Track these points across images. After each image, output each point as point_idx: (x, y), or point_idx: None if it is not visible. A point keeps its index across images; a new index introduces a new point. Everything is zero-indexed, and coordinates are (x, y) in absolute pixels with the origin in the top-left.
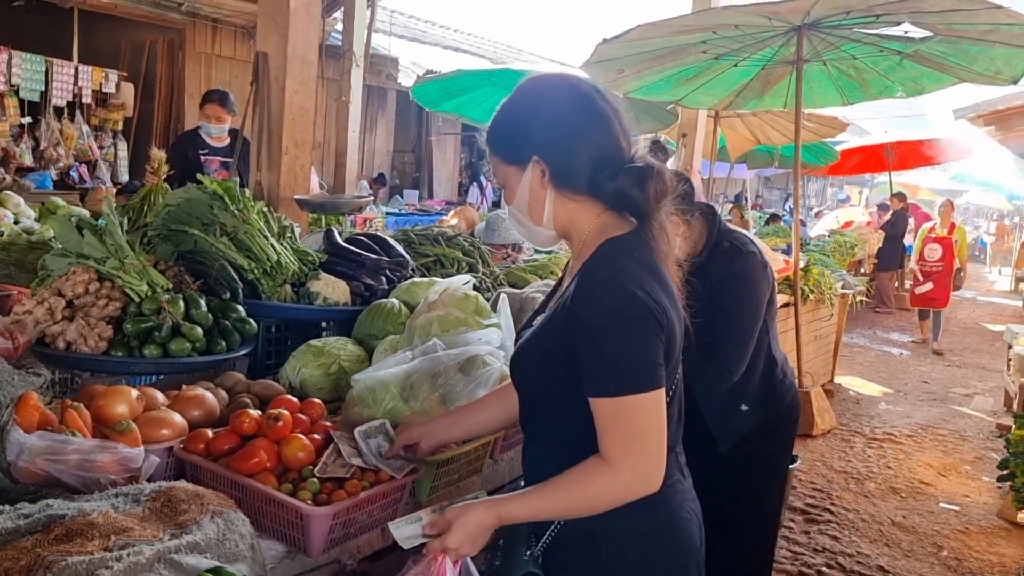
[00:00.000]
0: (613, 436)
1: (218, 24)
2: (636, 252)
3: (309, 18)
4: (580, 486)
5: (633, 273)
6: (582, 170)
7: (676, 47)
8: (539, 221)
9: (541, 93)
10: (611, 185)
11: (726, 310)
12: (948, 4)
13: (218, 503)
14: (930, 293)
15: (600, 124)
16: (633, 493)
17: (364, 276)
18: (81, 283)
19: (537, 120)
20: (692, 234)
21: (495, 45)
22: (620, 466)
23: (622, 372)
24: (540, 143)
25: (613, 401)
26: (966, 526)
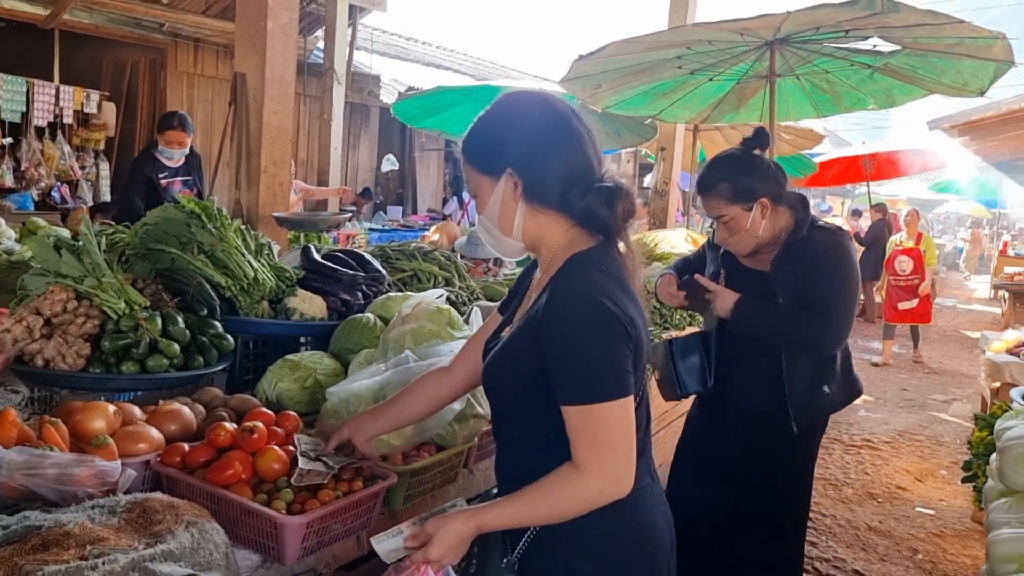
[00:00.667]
0: (585, 442)
1: (200, 44)
2: (604, 265)
3: (286, 39)
4: (554, 492)
5: (602, 285)
6: (554, 185)
7: (652, 63)
8: (508, 232)
9: (519, 108)
10: (581, 202)
11: (833, 276)
12: (913, 19)
13: (193, 513)
14: (917, 308)
15: (573, 142)
16: (605, 497)
17: (340, 291)
18: (59, 301)
19: (514, 134)
20: (779, 221)
21: (476, 62)
22: (592, 471)
23: (594, 380)
24: (515, 156)
25: (585, 409)
26: (941, 529)
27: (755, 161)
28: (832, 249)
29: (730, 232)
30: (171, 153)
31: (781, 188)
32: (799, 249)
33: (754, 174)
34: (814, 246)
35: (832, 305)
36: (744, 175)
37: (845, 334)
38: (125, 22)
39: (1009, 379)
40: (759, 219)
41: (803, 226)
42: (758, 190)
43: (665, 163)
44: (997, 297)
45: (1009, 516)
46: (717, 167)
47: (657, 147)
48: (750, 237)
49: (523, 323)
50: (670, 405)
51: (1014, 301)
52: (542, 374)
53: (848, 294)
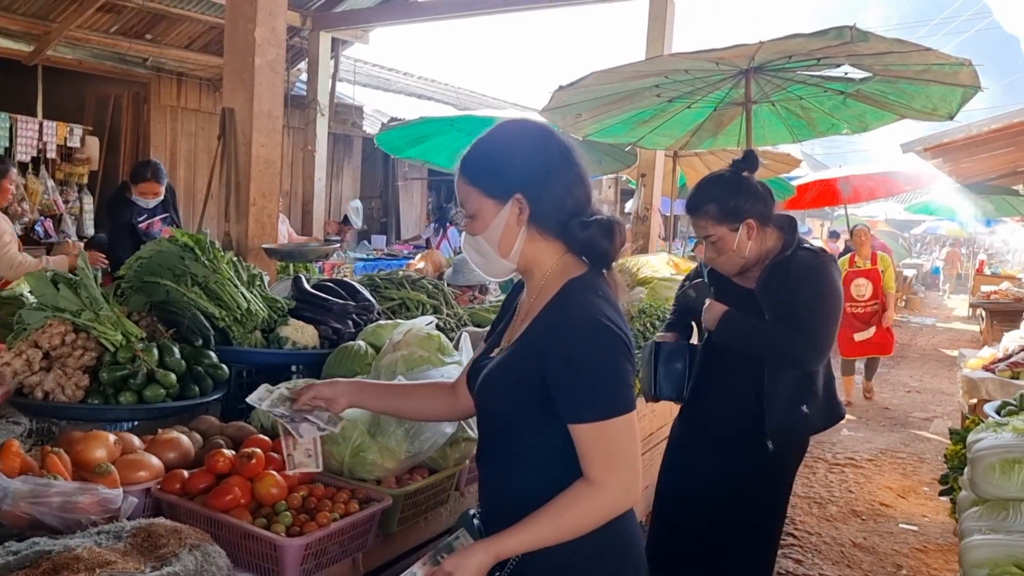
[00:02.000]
0: (598, 458)
1: (183, 77)
2: (600, 290)
3: (274, 74)
4: (572, 510)
5: (601, 308)
6: (559, 215)
7: (631, 91)
8: (506, 255)
9: (530, 136)
10: (582, 233)
11: (815, 295)
12: (882, 47)
13: (195, 537)
14: (875, 339)
15: (577, 175)
16: (619, 508)
17: (331, 320)
18: (58, 335)
19: (528, 160)
20: (767, 241)
21: (458, 91)
22: (607, 484)
23: (604, 398)
24: (527, 182)
25: (597, 426)
26: (924, 544)
27: (743, 183)
28: (814, 269)
29: (717, 252)
30: (145, 202)
31: (768, 210)
32: (783, 269)
33: (741, 195)
34: (796, 267)
35: (813, 323)
36: (731, 196)
37: (826, 351)
38: (108, 57)
39: (985, 395)
40: (745, 240)
41: (789, 247)
42: (745, 211)
43: (646, 189)
44: (975, 315)
45: (980, 524)
46: (705, 188)
47: (638, 173)
48: (737, 257)
49: (519, 345)
50: (656, 427)
51: (991, 319)
52: (542, 395)
53: (828, 312)
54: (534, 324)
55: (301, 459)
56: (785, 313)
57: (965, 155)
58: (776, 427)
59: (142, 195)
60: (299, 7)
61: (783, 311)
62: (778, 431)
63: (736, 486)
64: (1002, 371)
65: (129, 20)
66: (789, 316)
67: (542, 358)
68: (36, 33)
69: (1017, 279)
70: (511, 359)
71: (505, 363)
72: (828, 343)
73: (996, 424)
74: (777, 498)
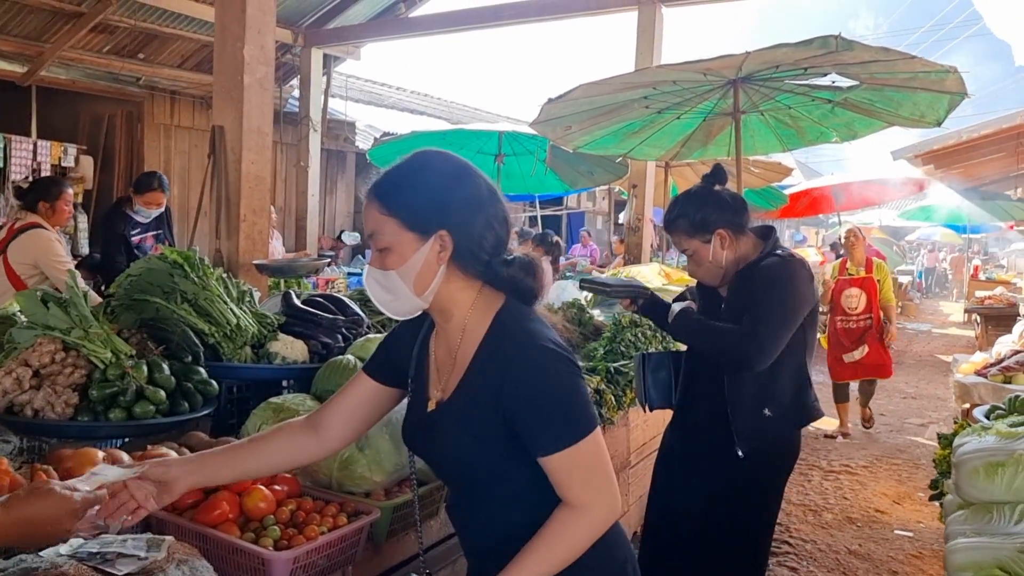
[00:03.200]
0: (577, 482)
1: (176, 96)
2: (530, 315)
3: (263, 92)
4: (563, 539)
5: (542, 332)
6: (482, 255)
7: (620, 103)
8: (420, 293)
9: (458, 169)
10: (506, 272)
11: (766, 299)
12: (867, 56)
13: (184, 552)
14: (868, 359)
15: (503, 213)
16: (606, 523)
17: (321, 335)
18: (47, 353)
19: (455, 195)
20: (742, 250)
21: (450, 106)
22: (592, 505)
23: (572, 422)
24: (453, 222)
25: (570, 452)
26: (920, 551)
27: (711, 195)
28: (777, 273)
29: (697, 264)
30: (147, 212)
31: (739, 219)
32: (750, 274)
33: (708, 207)
34: (762, 271)
35: (760, 321)
36: (698, 209)
37: (772, 351)
38: (102, 77)
39: (978, 400)
40: (719, 250)
41: (762, 255)
42: (713, 222)
43: (637, 200)
44: (970, 321)
45: (965, 527)
46: (676, 204)
47: (629, 184)
48: (716, 268)
49: (465, 392)
50: (649, 437)
51: (986, 324)
52: (508, 438)
53: (783, 313)
54: (475, 367)
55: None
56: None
57: (956, 161)
58: (741, 432)
59: (146, 205)
60: (291, 24)
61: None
62: (744, 436)
63: (720, 494)
64: (994, 376)
65: (122, 40)
66: (744, 316)
67: (500, 400)
68: (30, 54)
69: (1011, 284)
70: (462, 409)
71: (457, 414)
72: (776, 343)
73: (982, 428)
74: (763, 506)
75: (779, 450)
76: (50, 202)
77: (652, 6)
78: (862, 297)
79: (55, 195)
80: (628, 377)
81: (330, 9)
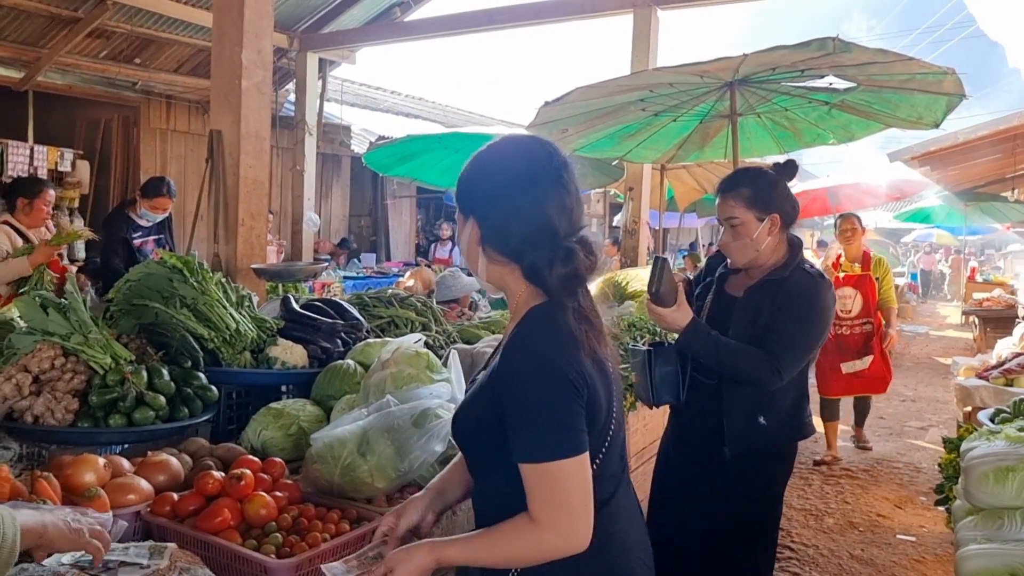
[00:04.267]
0: (538, 498)
1: (172, 100)
2: (556, 322)
3: (261, 96)
4: (507, 541)
5: (553, 341)
6: (510, 240)
7: (616, 106)
8: (473, 269)
9: (499, 158)
10: (528, 259)
11: (795, 317)
12: (864, 58)
13: (185, 560)
14: (871, 372)
15: (539, 201)
16: (557, 551)
17: (320, 340)
18: (47, 359)
19: (483, 184)
20: (778, 249)
21: (445, 109)
22: (544, 526)
23: (545, 439)
24: (479, 206)
25: (537, 467)
26: (922, 555)
27: (780, 183)
28: (805, 293)
29: (735, 237)
30: (153, 217)
31: (792, 217)
32: (775, 286)
33: (776, 190)
34: (789, 287)
35: (786, 345)
36: (767, 188)
37: (790, 373)
38: (98, 82)
39: (979, 403)
40: (765, 234)
41: (788, 267)
42: (775, 205)
43: (634, 203)
44: (968, 323)
45: (975, 533)
46: (744, 173)
47: (625, 187)
48: (752, 249)
49: (485, 380)
50: (648, 441)
51: (984, 326)
52: (501, 428)
53: (807, 337)
54: (500, 353)
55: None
56: (762, 331)
57: (953, 163)
58: (732, 435)
59: (152, 209)
60: (286, 29)
61: (762, 328)
62: (735, 439)
63: (712, 496)
64: (996, 378)
65: (118, 45)
66: (765, 334)
67: (496, 393)
68: (26, 59)
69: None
70: (477, 391)
71: (472, 395)
72: (794, 368)
73: (989, 432)
74: (759, 511)
75: (771, 456)
76: (29, 199)
77: (647, 9)
78: (857, 298)
79: (35, 193)
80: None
81: (325, 14)
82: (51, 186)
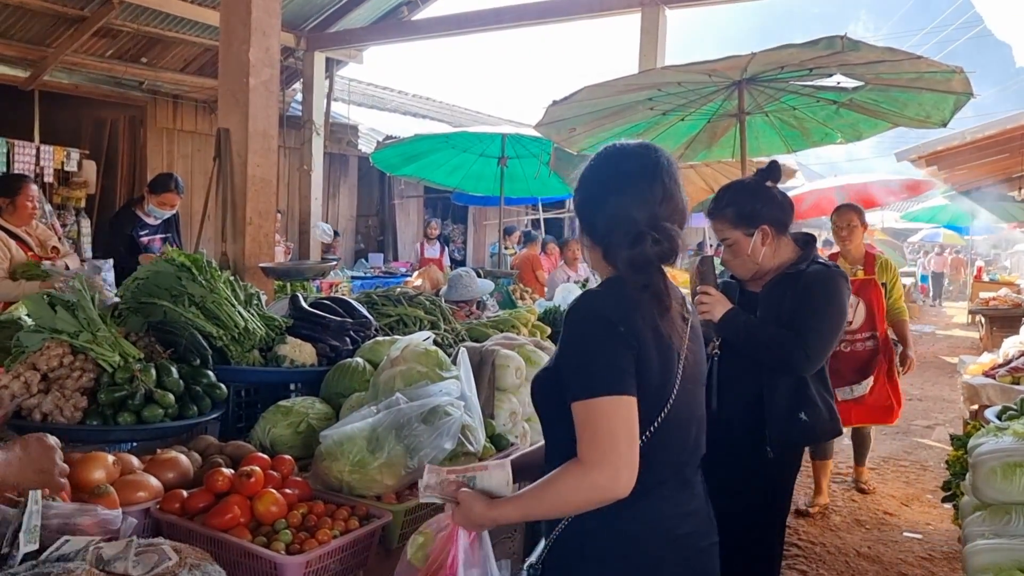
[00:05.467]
0: (585, 437)
1: (179, 100)
2: (613, 286)
3: (268, 95)
4: (555, 486)
5: (607, 298)
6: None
7: (624, 105)
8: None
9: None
10: (607, 242)
11: (817, 306)
12: (873, 56)
13: (196, 556)
14: (872, 399)
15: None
16: (603, 491)
17: (329, 338)
18: (56, 357)
19: (584, 182)
20: (782, 251)
21: (452, 109)
22: (590, 465)
23: (590, 376)
24: (577, 200)
25: (583, 404)
26: (929, 553)
27: (762, 190)
28: (823, 281)
29: (733, 255)
30: (160, 213)
31: (785, 219)
32: (793, 280)
33: (758, 201)
34: (807, 278)
35: (812, 329)
36: (749, 201)
37: (819, 359)
38: (105, 81)
39: (986, 401)
40: (759, 245)
41: (804, 261)
42: (761, 216)
43: None
44: (974, 322)
45: (983, 528)
46: (726, 192)
47: None
48: (751, 262)
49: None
50: None
51: (990, 325)
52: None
53: (829, 321)
54: None
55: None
56: (788, 320)
57: (960, 162)
58: (776, 434)
59: (160, 205)
60: (293, 28)
61: (786, 318)
62: (778, 439)
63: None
64: (1003, 376)
65: (124, 44)
66: (790, 323)
67: (559, 348)
68: (33, 58)
69: (1015, 285)
70: (551, 359)
71: (546, 364)
72: (823, 352)
73: (997, 428)
74: (783, 506)
75: (800, 453)
76: (10, 198)
77: (655, 8)
78: (860, 308)
79: (15, 191)
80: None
81: (332, 13)
82: (31, 180)
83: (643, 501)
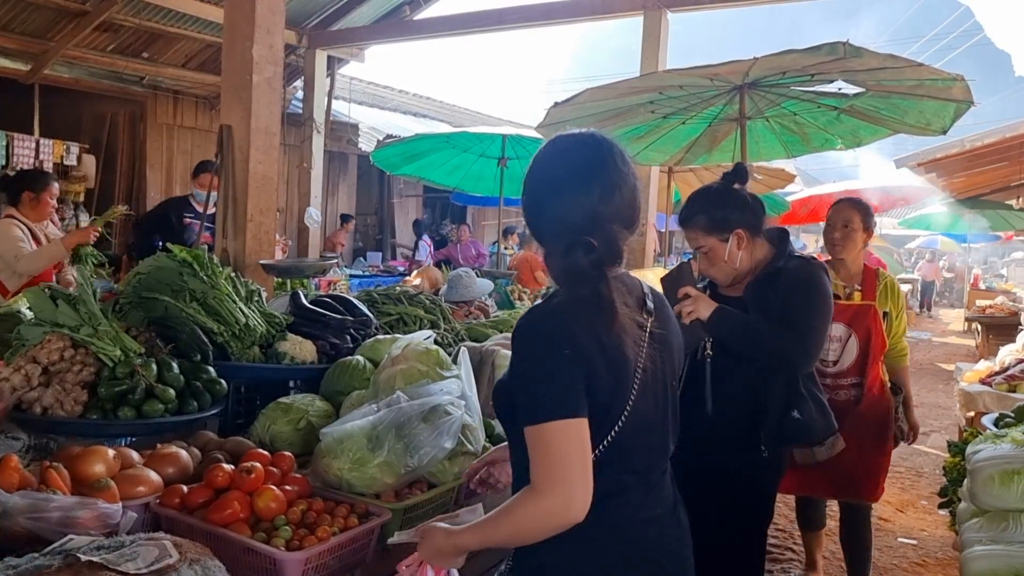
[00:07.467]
0: (536, 462)
1: (179, 95)
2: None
3: (271, 91)
4: (511, 514)
5: (549, 316)
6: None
7: (625, 108)
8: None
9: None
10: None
11: (806, 301)
12: (875, 63)
13: (195, 551)
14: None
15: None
16: (557, 517)
17: (329, 335)
18: (56, 350)
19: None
20: (757, 252)
21: (453, 109)
22: (543, 492)
23: (537, 401)
24: (525, 201)
25: (534, 430)
26: (923, 559)
27: (731, 194)
28: (804, 278)
29: (710, 263)
30: (201, 195)
31: (758, 220)
32: (773, 278)
33: (729, 206)
34: (787, 276)
35: (805, 325)
36: (719, 207)
37: (815, 355)
38: (105, 76)
39: (983, 408)
40: (735, 250)
41: (780, 258)
42: (733, 221)
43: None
44: (971, 330)
45: (981, 535)
46: (695, 200)
47: None
48: (729, 268)
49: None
50: None
51: (987, 333)
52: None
53: (820, 315)
54: None
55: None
56: (777, 319)
57: (959, 170)
58: (771, 433)
59: (201, 187)
60: (295, 25)
61: (775, 317)
62: (772, 437)
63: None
64: (999, 384)
65: (126, 39)
66: (781, 320)
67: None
68: (33, 52)
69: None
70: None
71: (504, 376)
72: (818, 347)
73: (995, 436)
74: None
75: (786, 452)
76: (36, 192)
77: (658, 11)
78: (850, 343)
79: (42, 186)
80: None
81: (335, 11)
82: (56, 179)
83: (604, 511)
